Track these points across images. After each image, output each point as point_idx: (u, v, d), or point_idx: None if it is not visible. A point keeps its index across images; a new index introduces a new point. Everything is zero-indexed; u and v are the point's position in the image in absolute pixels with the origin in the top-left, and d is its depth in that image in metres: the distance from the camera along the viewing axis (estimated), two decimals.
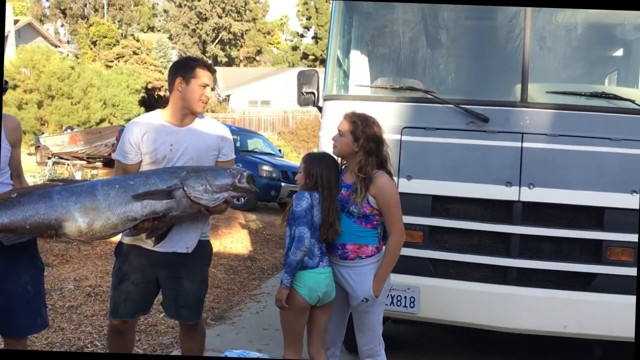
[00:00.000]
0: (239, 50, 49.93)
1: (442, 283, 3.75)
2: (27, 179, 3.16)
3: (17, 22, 32.20)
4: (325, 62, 4.35)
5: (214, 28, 46.93)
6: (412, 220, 3.61)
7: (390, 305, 3.67)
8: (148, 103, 28.49)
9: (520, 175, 3.65)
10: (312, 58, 47.66)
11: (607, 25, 4.24)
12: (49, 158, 16.19)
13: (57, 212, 2.74)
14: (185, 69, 3.07)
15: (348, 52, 4.41)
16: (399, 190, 3.22)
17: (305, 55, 48.88)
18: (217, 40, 47.89)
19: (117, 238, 3.18)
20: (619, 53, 4.63)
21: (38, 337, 4.25)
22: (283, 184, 12.41)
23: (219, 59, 46.51)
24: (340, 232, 3.05)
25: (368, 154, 3.04)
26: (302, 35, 52.57)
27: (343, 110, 3.21)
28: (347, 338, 3.46)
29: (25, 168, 3.08)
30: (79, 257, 6.81)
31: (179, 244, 3.06)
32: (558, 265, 3.66)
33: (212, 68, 3.15)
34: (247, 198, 10.83)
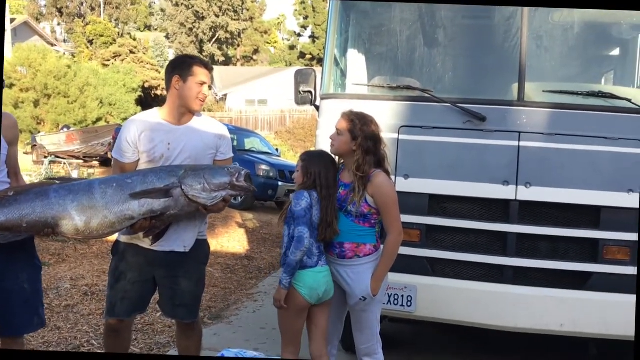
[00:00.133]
0: (236, 50, 49.86)
1: (439, 282, 3.75)
2: (24, 178, 3.15)
3: (13, 20, 32.11)
4: (323, 61, 4.34)
5: (211, 27, 46.86)
6: (409, 219, 3.61)
7: (388, 304, 3.67)
8: (145, 102, 28.42)
9: (517, 174, 3.66)
10: (309, 57, 47.63)
11: (603, 25, 4.25)
12: (46, 157, 16.11)
13: (54, 210, 2.73)
14: (183, 67, 3.06)
15: (345, 51, 4.41)
16: (396, 189, 3.22)
17: (303, 55, 48.85)
18: (214, 40, 47.82)
19: (114, 237, 3.17)
20: (616, 52, 4.64)
21: (34, 336, 4.24)
22: (280, 183, 12.40)
23: (216, 58, 46.43)
24: (339, 231, 3.04)
25: (366, 153, 3.03)
26: (299, 35, 52.55)
27: (340, 109, 3.20)
28: (344, 337, 3.46)
29: (22, 167, 3.07)
30: (76, 256, 6.80)
31: (177, 243, 3.05)
32: (554, 264, 3.66)
33: (209, 66, 3.14)
34: (244, 197, 10.83)
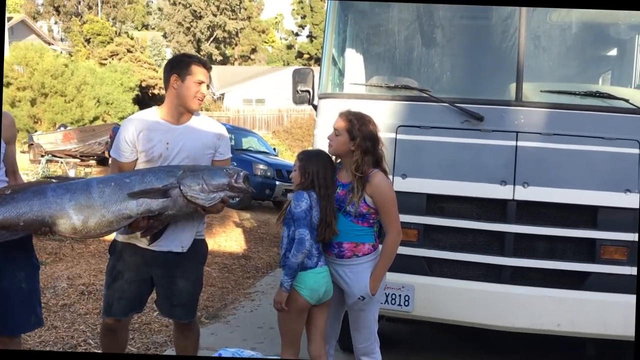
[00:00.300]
0: (234, 49, 49.83)
1: (436, 281, 3.75)
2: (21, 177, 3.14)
3: (10, 19, 32.05)
4: (320, 60, 4.34)
5: (209, 26, 46.83)
6: (406, 219, 3.60)
7: (385, 304, 3.66)
8: (142, 101, 28.41)
9: (515, 174, 3.66)
10: (306, 57, 47.65)
11: (601, 25, 4.25)
12: (42, 156, 16.07)
13: (51, 209, 2.72)
14: (181, 66, 3.05)
15: (343, 50, 4.41)
16: (394, 189, 3.22)
17: (300, 54, 48.86)
18: (211, 39, 47.79)
19: (111, 236, 3.16)
20: (613, 52, 4.64)
21: (31, 335, 4.22)
22: (277, 183, 12.39)
23: (214, 58, 46.39)
24: (338, 231, 3.03)
25: (365, 153, 3.02)
26: (296, 34, 52.60)
27: (338, 109, 3.19)
28: (342, 336, 3.46)
29: (19, 166, 3.06)
30: (73, 255, 6.78)
31: (174, 243, 3.04)
32: (552, 264, 3.66)
33: (207, 65, 3.12)
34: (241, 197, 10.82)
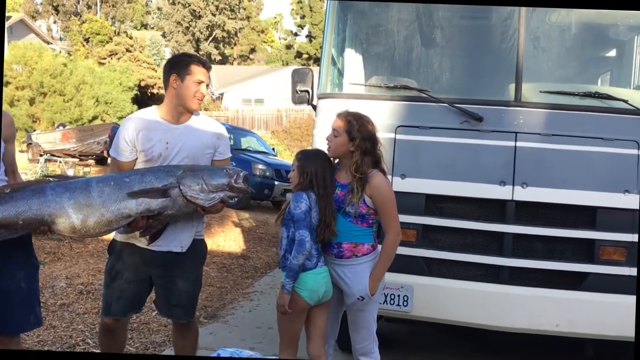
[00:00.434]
0: (233, 49, 49.82)
1: (435, 282, 3.75)
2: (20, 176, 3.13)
3: (9, 18, 32.02)
4: (320, 60, 4.34)
5: (208, 26, 46.81)
6: (405, 219, 3.59)
7: (384, 304, 3.66)
8: (141, 100, 28.41)
9: (514, 175, 3.66)
10: (305, 57, 47.64)
11: (600, 26, 4.26)
12: (41, 155, 16.05)
13: (50, 208, 2.72)
14: (180, 66, 3.04)
15: (342, 50, 4.41)
16: (393, 189, 3.21)
17: (299, 54, 48.85)
18: (210, 38, 47.77)
19: (110, 236, 3.16)
20: (613, 53, 4.64)
21: (29, 335, 4.21)
22: (276, 183, 12.38)
23: (213, 57, 46.36)
24: (337, 232, 3.02)
25: (364, 154, 3.01)
26: (295, 34, 52.55)
27: (337, 109, 3.19)
28: (340, 336, 3.45)
29: (17, 165, 3.06)
30: (71, 254, 6.77)
31: (174, 243, 3.03)
32: (551, 265, 3.66)
33: (207, 64, 3.12)
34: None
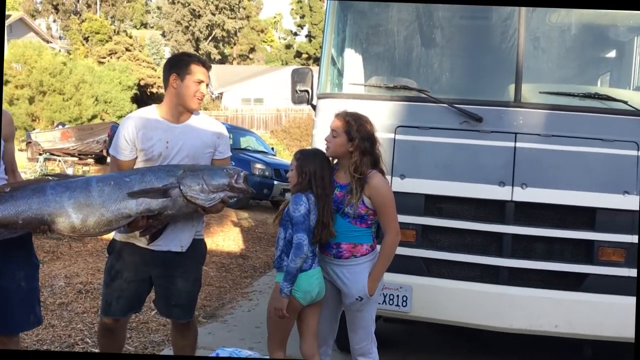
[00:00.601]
0: (232, 48, 49.81)
1: (434, 282, 3.75)
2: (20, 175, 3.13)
3: (8, 17, 31.99)
4: (319, 60, 4.33)
5: (207, 25, 46.79)
6: (405, 219, 3.60)
7: (383, 304, 3.66)
8: (140, 100, 28.40)
9: (513, 175, 3.66)
10: (305, 56, 47.62)
11: (600, 27, 4.26)
12: (40, 154, 16.04)
13: (50, 207, 2.71)
14: (180, 65, 3.04)
15: (342, 50, 4.41)
16: (392, 189, 3.21)
17: (299, 54, 48.82)
18: (210, 38, 47.75)
19: (109, 235, 3.15)
20: (612, 54, 4.64)
21: (28, 334, 4.21)
22: (275, 182, 12.37)
23: (212, 57, 46.34)
24: (335, 233, 3.02)
25: (363, 154, 3.01)
26: (295, 34, 52.50)
27: (337, 109, 3.19)
28: (339, 336, 3.45)
29: (17, 164, 3.05)
30: (70, 253, 6.77)
31: (174, 243, 3.03)
32: (550, 265, 3.67)
33: (207, 64, 3.11)
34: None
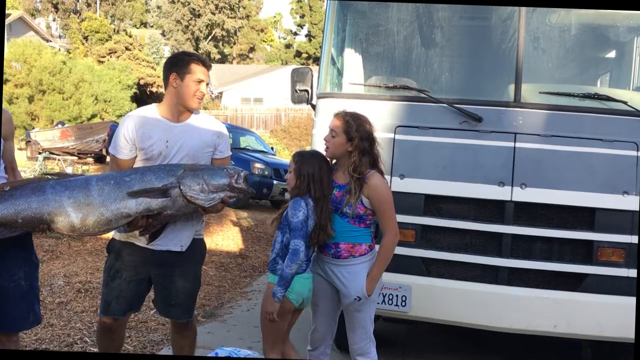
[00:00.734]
0: (232, 48, 49.79)
1: (433, 282, 3.75)
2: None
3: (8, 16, 31.96)
4: (319, 59, 4.33)
5: (207, 25, 46.76)
6: (404, 219, 3.61)
7: (382, 304, 3.67)
8: (140, 99, 28.39)
9: (513, 175, 3.66)
10: (305, 56, 47.60)
11: (600, 27, 4.26)
12: (40, 153, 16.03)
13: (50, 206, 2.71)
14: (180, 65, 3.03)
15: (342, 50, 4.41)
16: (392, 189, 3.22)
17: (299, 53, 48.81)
18: (210, 37, 47.73)
19: (109, 234, 3.15)
20: (612, 55, 4.65)
21: (27, 333, 4.21)
22: (275, 182, 12.38)
23: (212, 56, 46.30)
24: (333, 234, 3.02)
25: (362, 154, 3.01)
26: (295, 33, 52.49)
27: (337, 109, 3.19)
28: (338, 336, 3.45)
29: (16, 163, 3.05)
30: (69, 253, 6.77)
31: (173, 242, 3.03)
32: (549, 265, 3.67)
33: (207, 63, 3.10)
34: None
